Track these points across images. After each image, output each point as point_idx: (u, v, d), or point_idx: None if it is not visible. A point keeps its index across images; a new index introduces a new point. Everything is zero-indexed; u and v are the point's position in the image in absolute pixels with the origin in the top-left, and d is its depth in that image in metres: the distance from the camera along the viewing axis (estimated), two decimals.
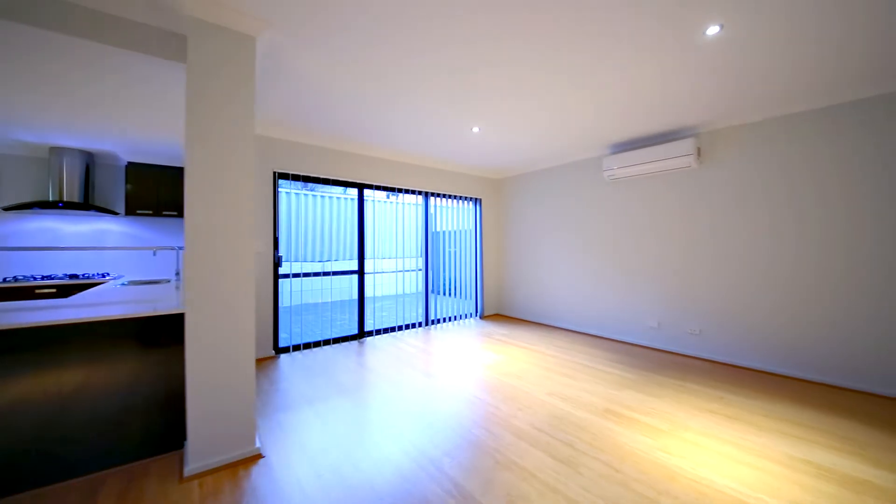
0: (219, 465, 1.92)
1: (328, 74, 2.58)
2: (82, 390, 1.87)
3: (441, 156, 4.62)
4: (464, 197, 5.52)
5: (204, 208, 1.90)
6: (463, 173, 5.44)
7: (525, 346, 4.08)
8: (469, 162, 4.98)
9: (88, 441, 1.87)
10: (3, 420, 1.70)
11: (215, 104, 1.91)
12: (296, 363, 3.60)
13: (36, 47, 1.95)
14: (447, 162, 4.93)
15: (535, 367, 3.41)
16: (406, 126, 3.58)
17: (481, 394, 2.83)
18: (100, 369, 1.92)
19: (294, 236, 4.05)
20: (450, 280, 5.65)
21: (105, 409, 1.93)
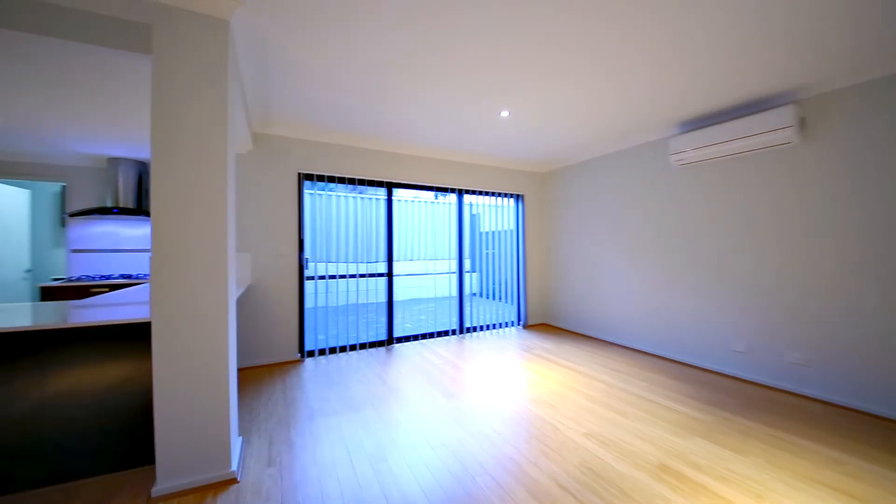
0: (187, 488, 1.75)
1: (336, 66, 2.35)
2: (64, 394, 1.83)
3: (473, 148, 4.20)
4: (503, 193, 5.02)
5: (171, 209, 1.74)
6: (500, 167, 4.95)
7: (569, 366, 3.48)
8: (506, 154, 4.48)
9: (69, 448, 1.83)
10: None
11: (184, 95, 1.74)
12: (317, 370, 3.46)
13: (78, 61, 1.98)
14: (481, 155, 4.49)
15: (575, 395, 2.83)
16: (429, 116, 3.23)
17: (502, 426, 2.37)
18: (85, 374, 1.87)
19: (321, 238, 3.95)
20: (489, 284, 5.18)
21: (88, 416, 1.87)
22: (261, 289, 3.58)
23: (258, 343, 3.58)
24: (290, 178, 3.70)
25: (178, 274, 1.74)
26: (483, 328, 4.89)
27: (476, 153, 4.39)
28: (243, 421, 2.47)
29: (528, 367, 3.45)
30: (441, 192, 4.68)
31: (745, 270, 3.12)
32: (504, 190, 4.97)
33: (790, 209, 2.86)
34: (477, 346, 4.19)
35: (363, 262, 4.16)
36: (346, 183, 3.97)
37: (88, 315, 1.88)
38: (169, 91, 1.72)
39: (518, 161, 4.80)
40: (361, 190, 4.15)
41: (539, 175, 5.28)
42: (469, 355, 3.86)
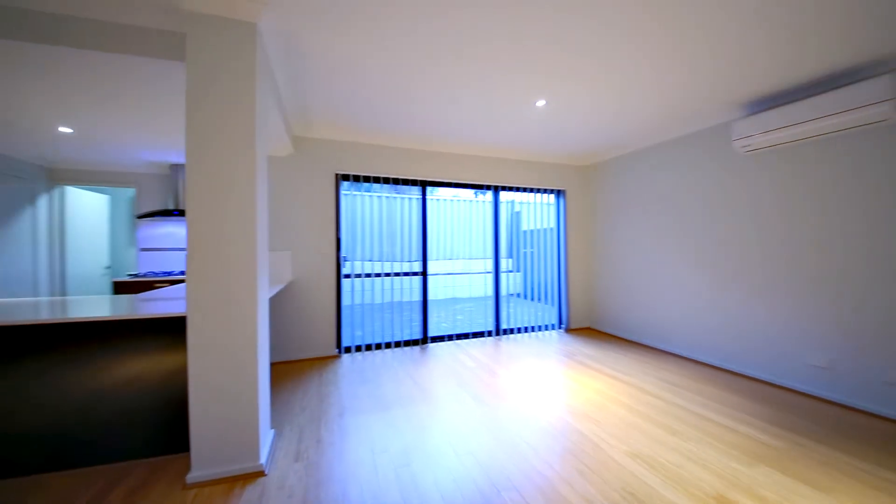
0: (218, 478, 1.82)
1: (366, 64, 2.34)
2: (118, 382, 1.98)
3: (509, 143, 4.03)
4: (542, 189, 4.78)
5: (205, 211, 1.81)
6: (539, 161, 4.72)
7: (614, 376, 3.21)
8: (544, 147, 4.25)
9: (122, 431, 1.97)
10: (47, 406, 1.89)
11: (215, 98, 1.81)
12: (352, 366, 3.51)
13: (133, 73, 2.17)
14: (517, 150, 4.30)
15: (620, 408, 2.59)
16: (461, 111, 3.14)
17: (535, 438, 2.21)
18: (137, 363, 2.01)
19: (357, 237, 4.01)
20: (530, 285, 4.97)
21: (141, 401, 2.01)
22: (301, 285, 3.71)
23: (298, 338, 3.71)
24: (328, 179, 3.79)
25: (210, 272, 1.81)
26: (521, 330, 4.70)
27: (512, 148, 4.21)
28: (278, 413, 2.55)
29: (569, 375, 3.23)
30: (478, 190, 4.57)
31: (828, 271, 2.67)
32: (544, 185, 4.74)
33: (886, 198, 2.39)
34: (513, 350, 4.02)
35: (398, 260, 4.16)
36: (380, 182, 4.00)
37: (138, 308, 2.02)
38: (200, 96, 1.79)
39: (557, 154, 4.55)
40: (396, 189, 4.15)
41: (581, 169, 4.97)
42: (504, 359, 3.72)
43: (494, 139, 3.90)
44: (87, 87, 2.28)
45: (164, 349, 2.05)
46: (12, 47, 1.82)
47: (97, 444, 1.94)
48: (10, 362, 1.85)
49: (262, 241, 2.01)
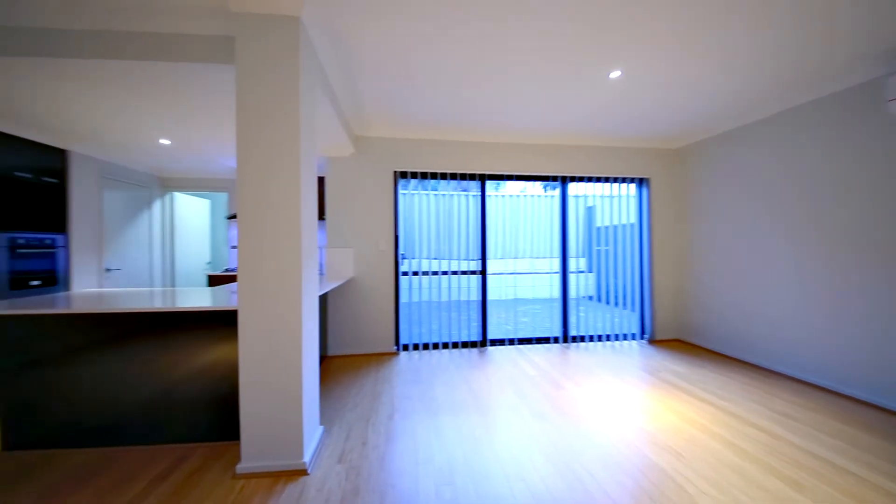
0: (264, 471, 1.84)
1: (417, 52, 2.23)
2: (195, 368, 2.14)
3: (578, 126, 3.59)
4: (620, 178, 4.21)
5: (253, 211, 1.84)
6: (615, 147, 4.15)
7: (709, 401, 2.65)
8: (620, 129, 3.71)
9: (190, 413, 2.13)
10: (138, 385, 2.10)
11: (261, 97, 1.82)
12: (409, 365, 3.45)
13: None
14: (589, 134, 3.82)
15: (716, 443, 2.09)
16: (523, 92, 2.85)
17: (602, 469, 1.87)
18: (214, 351, 2.16)
19: (416, 234, 3.95)
20: (604, 287, 4.44)
21: (210, 387, 2.15)
22: (362, 282, 3.77)
23: (358, 333, 3.77)
24: (386, 177, 3.80)
25: (257, 268, 1.84)
26: (593, 339, 4.21)
27: (581, 132, 3.76)
28: (330, 409, 2.56)
29: (650, 395, 2.75)
30: (547, 183, 4.21)
31: None
32: (622, 174, 4.17)
33: None
34: (583, 360, 3.59)
35: (456, 258, 4.01)
36: (437, 178, 3.89)
37: (229, 300, 2.17)
38: (247, 93, 1.82)
39: (638, 137, 3.95)
40: (455, 185, 3.99)
41: (669, 153, 4.27)
42: (572, 370, 3.33)
43: (561, 123, 3.51)
44: (168, 100, 2.52)
45: (235, 339, 2.16)
46: (107, 66, 2.06)
47: (171, 424, 2.12)
48: (112, 345, 2.11)
49: (309, 239, 2.00)
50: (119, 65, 2.03)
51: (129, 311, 2.01)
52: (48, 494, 1.70)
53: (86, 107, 2.61)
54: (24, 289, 2.97)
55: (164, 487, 1.75)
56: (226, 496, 1.69)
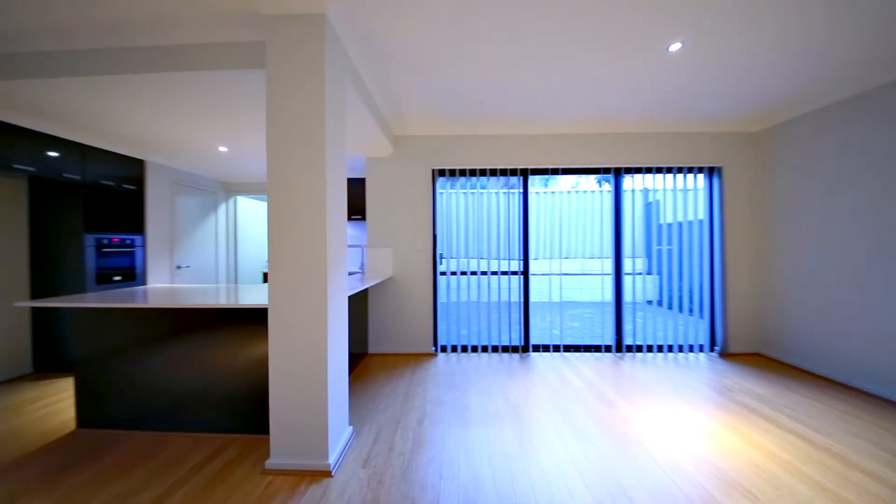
0: (290, 469, 1.85)
1: (449, 36, 2.12)
2: (248, 361, 2.24)
3: (632, 110, 3.21)
4: (685, 168, 3.72)
5: (282, 212, 1.86)
6: (678, 132, 3.67)
7: (799, 431, 2.20)
8: (685, 110, 3.26)
9: (235, 406, 2.22)
10: (186, 378, 2.24)
11: (288, 92, 1.83)
12: (446, 367, 3.36)
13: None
14: (648, 119, 3.41)
15: (806, 486, 1.71)
16: (569, 73, 2.61)
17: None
18: (255, 347, 2.24)
19: (454, 233, 3.85)
20: (667, 291, 3.97)
21: (256, 382, 2.22)
22: (400, 282, 3.75)
23: (398, 332, 3.76)
24: (424, 176, 3.74)
25: (286, 268, 1.85)
26: (652, 349, 3.77)
27: (637, 117, 3.37)
28: (362, 409, 2.55)
29: (721, 422, 2.36)
30: (600, 177, 3.87)
31: None
32: (687, 163, 3.69)
33: None
34: (639, 374, 3.22)
35: (497, 258, 3.83)
36: (477, 175, 3.74)
37: (239, 298, 2.26)
38: (275, 97, 1.84)
39: (706, 119, 3.45)
40: (500, 182, 3.81)
41: (746, 137, 3.68)
42: (624, 384, 2.99)
43: (612, 108, 3.18)
44: (213, 108, 2.67)
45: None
46: (155, 80, 2.22)
47: (216, 414, 2.23)
48: (172, 337, 2.27)
49: (336, 240, 1.97)
50: (166, 77, 2.18)
51: (169, 307, 2.14)
52: (109, 471, 1.85)
53: (146, 119, 2.87)
54: (108, 283, 3.37)
55: (200, 476, 1.83)
56: (252, 491, 1.72)
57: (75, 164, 3.11)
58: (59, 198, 3.18)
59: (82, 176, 3.17)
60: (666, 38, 2.13)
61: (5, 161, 2.63)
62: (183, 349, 2.26)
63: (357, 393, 2.81)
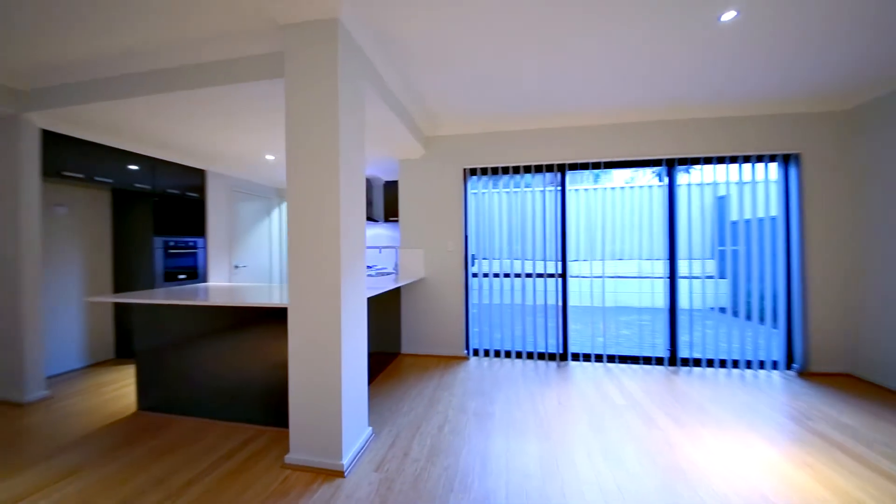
0: (306, 465, 1.89)
1: (469, 26, 2.06)
2: (274, 358, 2.36)
3: (687, 93, 2.86)
4: (753, 158, 3.23)
5: (301, 215, 1.91)
6: (742, 116, 3.18)
7: (892, 472, 1.79)
8: (749, 88, 2.82)
9: (266, 398, 2.34)
10: (230, 371, 2.41)
11: (304, 98, 1.87)
12: (475, 372, 3.26)
13: None
14: (703, 102, 3.02)
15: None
16: (610, 54, 2.40)
17: None
18: (283, 345, 2.36)
19: (485, 233, 3.73)
20: (737, 298, 3.48)
21: (281, 378, 2.33)
22: (432, 283, 3.73)
23: (429, 334, 3.74)
24: (456, 175, 3.67)
25: (303, 270, 1.90)
26: (714, 364, 3.33)
27: (690, 101, 2.99)
28: (385, 410, 2.55)
29: (792, 457, 1.99)
30: (656, 169, 3.54)
31: None
32: (755, 150, 3.20)
33: None
34: (694, 392, 2.85)
35: (533, 259, 3.63)
36: (510, 173, 3.59)
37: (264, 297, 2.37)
38: (292, 103, 1.89)
39: (777, 99, 2.97)
40: (539, 180, 3.62)
41: (831, 117, 3.09)
42: (674, 403, 2.67)
43: (659, 92, 2.87)
44: (249, 119, 2.84)
45: None
46: (195, 96, 2.41)
47: (251, 406, 2.37)
48: (221, 332, 2.46)
49: (351, 243, 1.98)
50: (205, 93, 2.36)
51: (201, 305, 2.31)
52: (154, 453, 2.04)
53: (202, 132, 3.14)
54: (174, 281, 3.77)
55: (228, 464, 1.94)
56: (270, 484, 1.78)
57: (146, 175, 3.52)
58: (133, 205, 3.62)
59: (152, 185, 3.57)
60: (717, 5, 1.85)
61: (90, 174, 3.04)
62: (225, 344, 2.43)
63: (383, 393, 2.82)
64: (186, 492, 1.72)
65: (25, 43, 2.15)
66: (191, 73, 2.32)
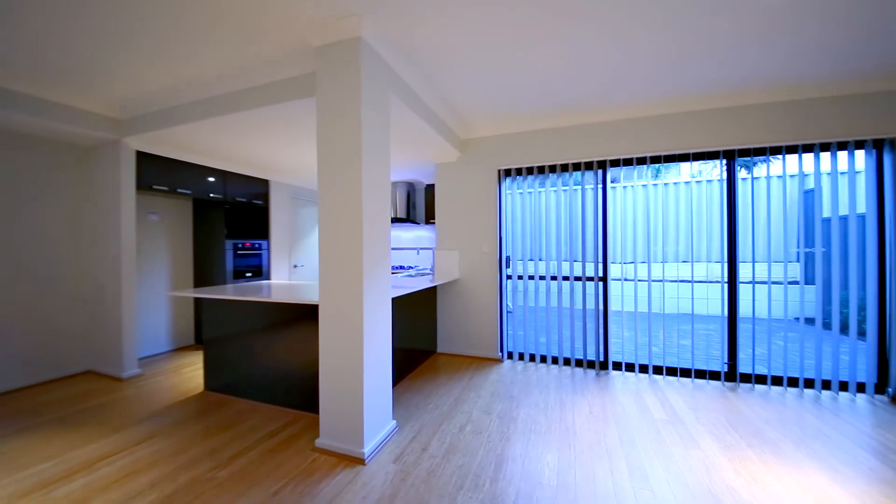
0: (332, 450, 2.05)
1: (489, 24, 2.10)
2: (308, 350, 2.60)
3: (742, 73, 2.56)
4: (832, 144, 2.78)
5: (329, 220, 2.08)
6: (813, 98, 2.75)
7: None
8: (817, 65, 2.44)
9: (307, 386, 2.57)
10: (280, 360, 2.69)
11: (332, 112, 2.04)
12: (507, 375, 3.23)
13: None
14: (764, 83, 2.67)
15: None
16: (653, 35, 2.27)
17: None
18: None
19: (518, 234, 3.67)
20: (820, 306, 3.03)
21: (316, 369, 2.56)
22: (466, 284, 3.77)
23: (465, 334, 3.78)
24: (490, 177, 3.67)
25: (331, 271, 2.07)
26: (782, 382, 2.92)
27: (750, 83, 2.67)
28: (413, 406, 2.65)
29: (862, 495, 1.71)
30: (710, 161, 3.22)
31: None
32: (832, 136, 2.75)
33: None
34: (753, 413, 2.54)
35: (569, 260, 3.50)
36: (545, 173, 3.49)
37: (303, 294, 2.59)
38: (321, 119, 2.07)
39: (858, 71, 2.52)
40: (565, 181, 3.49)
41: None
42: (725, 422, 2.41)
43: (709, 77, 2.61)
44: (297, 134, 3.12)
45: None
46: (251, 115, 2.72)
47: (295, 392, 2.62)
48: (269, 324, 2.77)
49: (375, 245, 2.11)
50: (256, 113, 2.67)
51: (250, 301, 2.60)
52: (211, 428, 2.36)
53: (263, 147, 3.53)
54: (241, 278, 4.26)
55: (269, 443, 2.17)
56: (299, 465, 1.97)
57: (219, 186, 4.04)
58: (209, 212, 4.17)
59: (223, 195, 4.09)
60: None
61: (173, 187, 3.59)
62: (273, 335, 2.71)
63: (413, 390, 2.93)
64: (232, 463, 1.97)
65: (126, 80, 2.61)
66: (246, 95, 2.64)
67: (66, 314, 3.29)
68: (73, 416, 2.53)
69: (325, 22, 1.96)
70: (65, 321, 3.29)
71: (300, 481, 1.83)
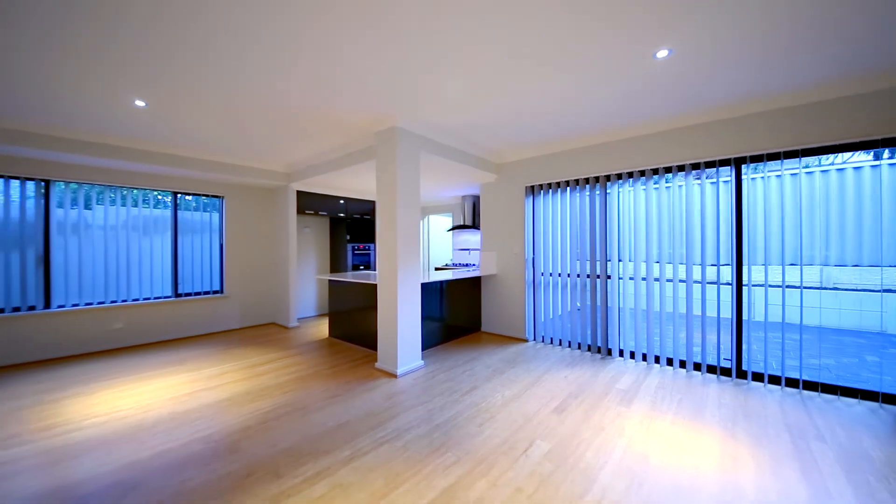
0: (383, 370, 3.49)
1: (488, 96, 3.25)
2: (375, 314, 4.14)
3: (754, 82, 2.90)
4: (846, 144, 2.80)
5: (381, 233, 3.53)
6: (832, 98, 2.81)
7: None
8: (843, 64, 2.63)
9: (376, 337, 4.11)
10: (366, 317, 4.33)
11: (383, 173, 3.47)
12: (523, 351, 4.15)
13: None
14: (772, 91, 2.92)
15: None
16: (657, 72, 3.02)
17: None
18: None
19: (540, 239, 4.47)
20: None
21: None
22: (502, 278, 4.78)
23: (498, 316, 4.81)
24: (519, 192, 4.60)
25: (382, 264, 3.51)
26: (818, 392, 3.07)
27: (762, 90, 2.96)
28: (440, 359, 3.87)
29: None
30: (708, 168, 3.53)
31: None
32: (851, 135, 2.77)
33: None
34: (770, 423, 2.90)
35: (596, 259, 4.15)
36: (563, 187, 4.24)
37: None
38: (379, 174, 3.52)
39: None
40: (580, 190, 4.15)
41: None
42: (745, 447, 2.89)
43: (722, 89, 3.06)
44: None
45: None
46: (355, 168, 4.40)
47: (371, 339, 4.20)
48: (367, 297, 4.45)
49: (406, 247, 3.47)
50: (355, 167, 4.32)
51: (347, 282, 4.25)
52: (331, 356, 4.08)
53: (361, 183, 5.29)
54: (357, 270, 6.21)
55: (352, 364, 3.75)
56: (364, 374, 3.45)
57: (343, 207, 6.03)
58: (338, 225, 6.23)
59: (346, 213, 6.08)
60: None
61: (316, 210, 5.68)
62: (363, 303, 4.34)
63: (449, 350, 4.16)
64: (333, 369, 3.60)
65: (289, 155, 4.61)
66: (347, 157, 4.33)
67: (267, 290, 5.68)
68: (265, 342, 4.64)
69: (377, 120, 3.40)
70: (263, 293, 5.67)
71: (361, 382, 3.30)
